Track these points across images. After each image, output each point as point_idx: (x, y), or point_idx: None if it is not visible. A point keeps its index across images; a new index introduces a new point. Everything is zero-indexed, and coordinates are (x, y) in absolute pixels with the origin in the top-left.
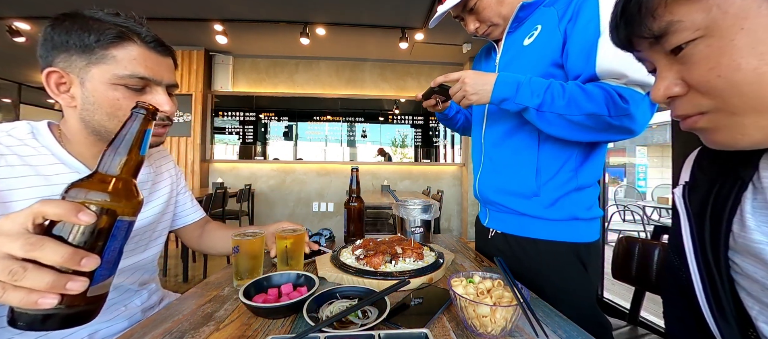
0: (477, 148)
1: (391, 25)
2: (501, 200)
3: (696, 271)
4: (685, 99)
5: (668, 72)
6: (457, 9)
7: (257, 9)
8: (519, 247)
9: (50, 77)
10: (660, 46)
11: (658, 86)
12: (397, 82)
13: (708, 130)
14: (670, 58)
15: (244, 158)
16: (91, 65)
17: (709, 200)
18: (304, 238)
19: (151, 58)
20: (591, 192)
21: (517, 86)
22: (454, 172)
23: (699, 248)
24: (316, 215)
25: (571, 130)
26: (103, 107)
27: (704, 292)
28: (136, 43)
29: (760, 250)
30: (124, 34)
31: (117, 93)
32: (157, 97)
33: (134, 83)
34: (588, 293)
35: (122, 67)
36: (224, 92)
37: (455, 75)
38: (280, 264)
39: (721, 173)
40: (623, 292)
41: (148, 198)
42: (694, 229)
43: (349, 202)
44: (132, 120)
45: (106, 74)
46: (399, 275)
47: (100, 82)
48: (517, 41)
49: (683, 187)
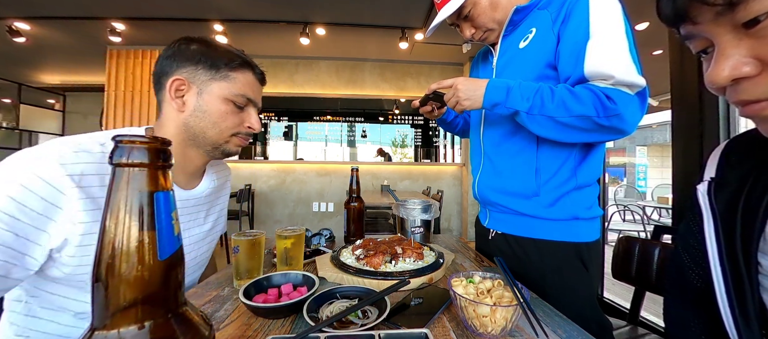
0: (476, 150)
1: (391, 25)
2: (501, 201)
3: (719, 272)
4: (757, 81)
5: (734, 49)
6: (452, 17)
7: (257, 9)
8: (519, 248)
9: (173, 83)
10: (729, 18)
11: (722, 66)
12: (397, 82)
13: None
14: (739, 32)
15: (245, 158)
16: (214, 81)
17: (741, 198)
18: (303, 239)
19: (257, 85)
20: (591, 191)
21: (507, 91)
22: (454, 172)
23: (724, 248)
24: (316, 215)
25: (562, 131)
26: (211, 116)
27: (727, 294)
28: (252, 72)
29: None
30: (246, 64)
31: (226, 107)
32: (252, 117)
33: (241, 101)
34: (588, 293)
35: (238, 87)
36: None
37: (448, 82)
38: (280, 264)
39: (755, 168)
40: (623, 292)
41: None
42: (719, 228)
43: (349, 202)
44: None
45: (224, 90)
46: (399, 275)
47: (216, 96)
48: (513, 44)
49: (708, 184)
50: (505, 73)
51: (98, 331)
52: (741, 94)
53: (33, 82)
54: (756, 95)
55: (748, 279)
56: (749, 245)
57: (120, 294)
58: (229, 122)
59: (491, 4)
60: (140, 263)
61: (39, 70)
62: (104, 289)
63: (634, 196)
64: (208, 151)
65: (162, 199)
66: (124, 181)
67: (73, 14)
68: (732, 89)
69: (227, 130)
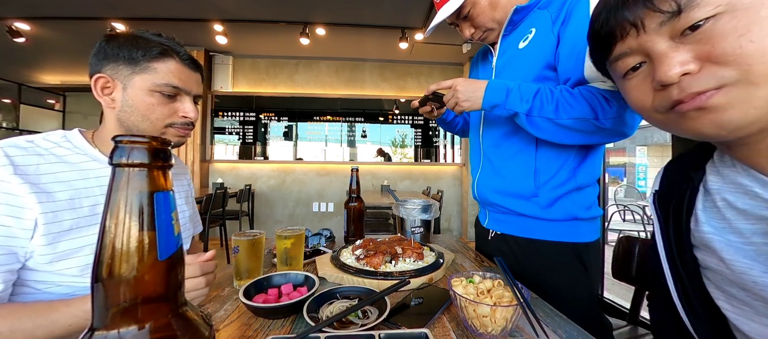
0: (476, 150)
1: (391, 25)
2: (500, 201)
3: (668, 271)
4: (701, 75)
5: (675, 52)
6: (451, 17)
7: (257, 9)
8: (519, 248)
9: (98, 81)
10: (671, 26)
11: (670, 64)
12: (397, 82)
13: (718, 107)
14: (677, 39)
15: (244, 158)
16: (135, 74)
17: (672, 203)
18: (303, 239)
19: (184, 72)
20: (590, 192)
21: (506, 92)
22: (454, 172)
23: (666, 249)
24: (316, 215)
25: (562, 134)
26: (139, 109)
27: (675, 289)
28: (174, 60)
29: (710, 240)
30: (166, 52)
31: (153, 99)
32: (186, 105)
33: (168, 91)
34: (588, 293)
35: (160, 77)
36: (224, 92)
37: (447, 83)
38: (280, 264)
39: (679, 179)
40: (623, 292)
41: None
42: (663, 232)
43: (349, 202)
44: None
45: (146, 82)
46: (399, 275)
47: (140, 89)
48: (513, 44)
49: (653, 195)
50: (505, 73)
51: (98, 331)
52: (693, 86)
53: (33, 82)
54: (706, 86)
55: (685, 273)
56: (681, 243)
57: (120, 294)
58: (159, 113)
59: (491, 4)
60: (140, 263)
61: (39, 70)
62: (104, 289)
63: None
64: None
65: (162, 199)
66: (124, 182)
67: (73, 14)
68: (678, 86)
69: (159, 122)
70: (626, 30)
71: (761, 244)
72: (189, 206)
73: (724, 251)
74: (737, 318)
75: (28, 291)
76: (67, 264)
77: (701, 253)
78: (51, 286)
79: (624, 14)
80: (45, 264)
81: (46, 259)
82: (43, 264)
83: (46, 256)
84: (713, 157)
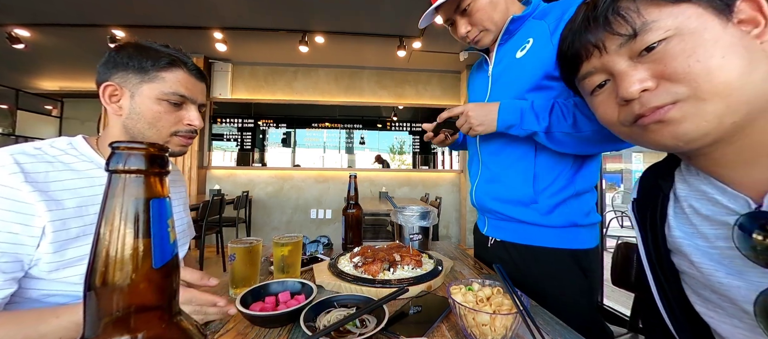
0: (474, 158)
1: (389, 33)
2: (499, 208)
3: (651, 276)
4: (658, 91)
5: (634, 71)
6: (448, 11)
7: (257, 17)
8: (518, 255)
9: (106, 89)
10: (628, 47)
11: (631, 81)
12: (395, 89)
13: (674, 120)
14: (635, 59)
15: (242, 165)
16: (144, 83)
17: (648, 210)
18: (300, 246)
19: (191, 81)
20: (588, 198)
21: (520, 113)
22: (452, 179)
23: (647, 255)
24: (314, 222)
25: (582, 145)
26: (146, 117)
27: (658, 295)
28: (182, 69)
29: (681, 245)
30: (174, 62)
31: (160, 107)
32: (191, 113)
33: (175, 99)
34: (589, 300)
35: (168, 85)
36: (223, 99)
37: (458, 110)
38: (277, 272)
39: (652, 187)
40: (624, 299)
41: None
42: (643, 238)
43: (347, 209)
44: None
45: (155, 91)
46: (397, 283)
47: (148, 97)
48: (510, 53)
49: (632, 203)
50: (501, 81)
51: None
52: (652, 101)
53: (31, 88)
54: (663, 101)
55: (663, 276)
56: (658, 248)
57: (113, 303)
58: (165, 121)
59: (491, 2)
60: (135, 272)
61: (37, 76)
62: (97, 298)
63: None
64: None
65: (158, 206)
66: (120, 188)
67: (74, 22)
68: (639, 102)
69: (165, 130)
70: (590, 51)
71: (724, 247)
72: (186, 213)
73: (693, 255)
74: (712, 320)
75: (26, 299)
76: (72, 271)
77: (676, 258)
78: (53, 294)
79: (587, 37)
80: (49, 272)
81: (52, 267)
82: (47, 272)
83: (52, 264)
84: (680, 166)
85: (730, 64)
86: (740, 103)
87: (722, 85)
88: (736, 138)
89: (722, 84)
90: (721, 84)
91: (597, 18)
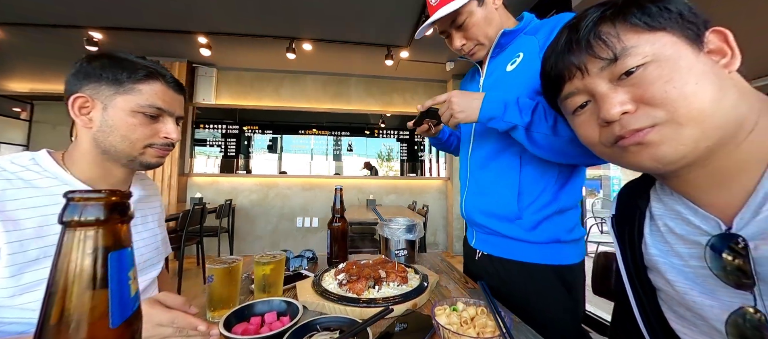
0: (463, 169)
1: (377, 42)
2: (486, 222)
3: (631, 292)
4: (638, 114)
5: (615, 94)
6: (444, 24)
7: (243, 23)
8: (504, 270)
9: (76, 101)
10: (609, 71)
11: (612, 103)
12: (382, 97)
13: (653, 143)
14: (615, 82)
15: (226, 172)
16: (118, 95)
17: (626, 227)
18: (283, 265)
19: (169, 94)
20: (572, 214)
21: (504, 105)
22: (439, 187)
23: (627, 270)
24: (300, 231)
25: (557, 152)
26: (119, 129)
27: (638, 310)
28: (160, 82)
29: (656, 262)
30: (152, 74)
31: (135, 119)
32: (168, 126)
33: (152, 112)
34: (573, 316)
35: (145, 98)
36: (206, 104)
37: (442, 97)
38: (258, 292)
39: (630, 205)
40: (605, 305)
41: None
42: (622, 254)
43: (333, 223)
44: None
45: (130, 103)
46: (383, 302)
47: (122, 109)
48: (500, 66)
49: (612, 218)
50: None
51: None
52: (632, 124)
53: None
54: (642, 124)
55: (643, 292)
56: (637, 265)
57: None
58: (140, 134)
59: (486, 18)
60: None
61: (6, 76)
62: None
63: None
64: (125, 164)
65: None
66: (75, 242)
67: (52, 22)
68: (619, 123)
69: (139, 142)
70: (573, 72)
71: (697, 267)
72: (161, 229)
73: (668, 273)
74: (687, 337)
75: None
76: (31, 297)
77: (653, 275)
78: (10, 322)
79: (570, 58)
80: (5, 298)
81: (8, 292)
82: (3, 298)
83: (8, 289)
84: (656, 185)
85: (703, 90)
86: (713, 129)
87: (696, 111)
88: (708, 162)
89: (697, 110)
90: (696, 110)
91: (579, 41)
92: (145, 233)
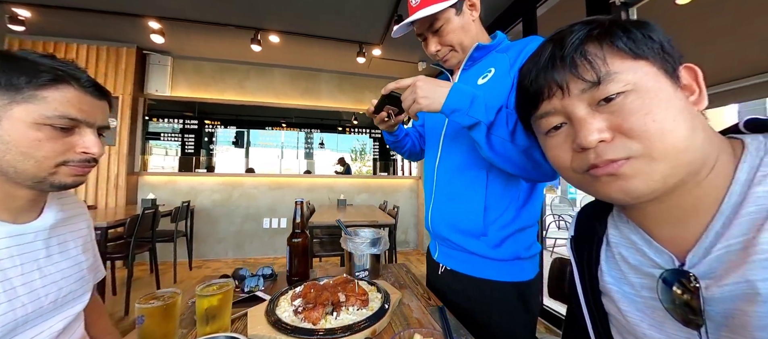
0: (429, 178)
1: (348, 38)
2: (452, 237)
3: (587, 314)
4: (614, 144)
5: (593, 119)
6: (422, 27)
7: (199, 10)
8: (468, 285)
9: None
10: (590, 94)
11: (590, 129)
12: (354, 94)
13: (625, 176)
14: (594, 107)
15: (184, 170)
16: (14, 104)
17: (584, 250)
18: (231, 294)
19: (86, 101)
20: (531, 232)
21: (471, 99)
22: (410, 185)
23: (584, 292)
24: (267, 232)
25: (507, 160)
26: (18, 146)
27: (593, 331)
28: (72, 87)
29: (610, 289)
30: (60, 78)
31: (40, 133)
32: (86, 139)
33: (62, 123)
34: (531, 332)
35: (52, 108)
36: (160, 96)
37: (407, 81)
38: (201, 326)
39: (588, 228)
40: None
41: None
42: (580, 276)
43: (293, 238)
44: None
45: (32, 114)
46: (341, 331)
47: (21, 121)
48: (472, 78)
49: (570, 239)
50: None
51: None
52: (608, 154)
53: None
54: (618, 155)
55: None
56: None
57: None
58: (48, 150)
59: (463, 27)
60: None
61: None
62: None
63: (566, 204)
64: (31, 186)
65: None
66: None
67: None
68: (595, 151)
69: (48, 161)
70: (553, 90)
71: (648, 297)
72: (88, 254)
73: (621, 301)
74: None
75: None
76: None
77: (606, 300)
78: None
79: (552, 75)
80: None
81: None
82: None
83: None
84: (613, 212)
85: (679, 127)
86: (682, 165)
87: (671, 148)
88: (667, 198)
89: (671, 146)
90: (671, 146)
91: (564, 58)
92: (63, 263)
